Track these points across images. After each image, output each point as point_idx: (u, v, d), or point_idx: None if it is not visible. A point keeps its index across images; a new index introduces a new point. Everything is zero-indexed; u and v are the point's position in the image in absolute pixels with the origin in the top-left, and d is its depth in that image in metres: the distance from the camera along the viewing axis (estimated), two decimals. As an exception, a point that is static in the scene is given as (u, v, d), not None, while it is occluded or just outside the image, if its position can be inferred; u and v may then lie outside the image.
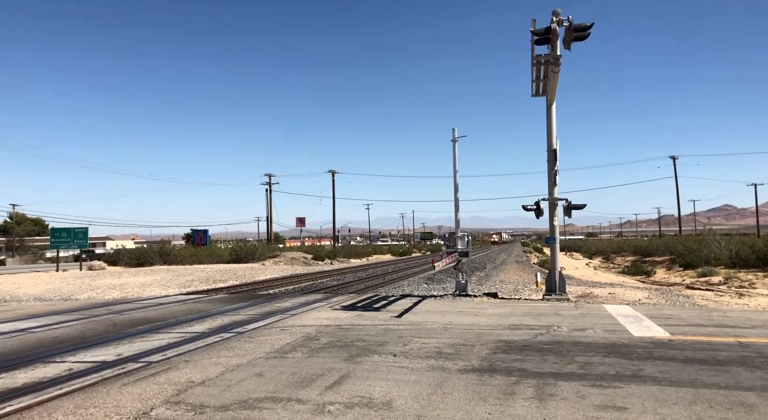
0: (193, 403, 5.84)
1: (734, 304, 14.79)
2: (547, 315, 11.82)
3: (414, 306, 13.93)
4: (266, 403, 5.78)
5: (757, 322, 10.48)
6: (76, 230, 36.49)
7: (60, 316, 13.71)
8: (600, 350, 8.08)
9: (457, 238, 16.49)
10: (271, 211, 65.01)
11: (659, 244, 51.37)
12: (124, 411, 5.62)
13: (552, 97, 14.77)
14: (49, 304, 17.60)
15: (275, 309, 14.46)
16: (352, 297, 17.22)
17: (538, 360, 7.53)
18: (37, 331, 11.39)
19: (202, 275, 29.08)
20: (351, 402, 5.77)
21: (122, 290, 21.62)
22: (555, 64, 13.34)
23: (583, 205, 15.06)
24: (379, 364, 7.46)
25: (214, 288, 22.49)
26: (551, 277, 15.22)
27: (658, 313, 11.90)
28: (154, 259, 42.89)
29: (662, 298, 15.45)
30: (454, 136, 16.97)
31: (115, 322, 12.68)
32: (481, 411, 5.41)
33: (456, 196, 17.00)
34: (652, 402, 5.57)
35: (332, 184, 70.54)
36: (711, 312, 12.23)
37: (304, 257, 48.95)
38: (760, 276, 25.39)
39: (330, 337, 9.67)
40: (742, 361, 7.19)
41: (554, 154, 14.77)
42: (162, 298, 18.22)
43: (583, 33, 13.20)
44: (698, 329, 9.78)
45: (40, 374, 7.51)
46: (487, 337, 9.36)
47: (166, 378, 6.95)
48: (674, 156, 65.28)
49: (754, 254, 29.98)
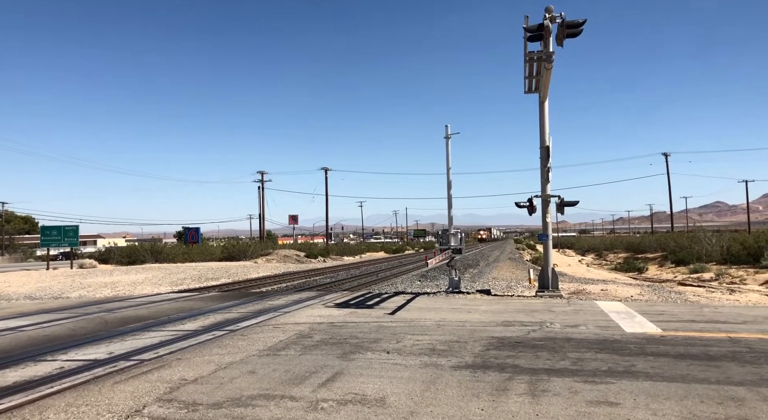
0: (186, 400, 5.81)
1: (725, 300, 14.90)
2: (540, 312, 11.86)
3: (407, 303, 13.94)
4: (259, 400, 5.76)
5: (748, 318, 10.56)
6: (66, 228, 36.25)
7: (51, 315, 13.61)
8: (592, 346, 8.12)
9: (450, 235, 16.50)
10: (263, 209, 64.83)
11: (651, 240, 51.76)
12: (116, 409, 5.58)
13: (545, 94, 14.80)
14: (40, 302, 17.47)
15: (268, 307, 14.43)
16: (345, 294, 17.20)
17: (530, 356, 7.55)
18: (27, 330, 11.30)
19: (194, 273, 28.97)
20: (344, 399, 5.76)
21: (114, 288, 21.50)
22: (548, 61, 13.35)
23: (576, 202, 15.13)
24: (373, 361, 7.46)
25: (206, 286, 22.40)
26: (544, 273, 15.27)
27: (650, 310, 11.96)
28: (145, 257, 42.68)
29: (654, 295, 15.54)
30: (447, 133, 16.96)
31: (106, 320, 12.60)
32: (474, 407, 5.42)
33: (449, 193, 17.01)
34: (644, 397, 5.60)
35: (325, 181, 70.42)
36: (702, 308, 12.31)
37: (296, 255, 48.82)
38: (751, 272, 25.60)
39: (323, 334, 9.65)
40: (733, 357, 7.25)
41: (547, 150, 14.81)
42: (154, 296, 18.13)
43: (576, 30, 13.23)
44: (690, 325, 9.85)
45: (31, 373, 7.45)
46: (480, 333, 9.38)
47: (159, 376, 6.91)
48: (666, 153, 65.60)
49: (744, 250, 30.22)
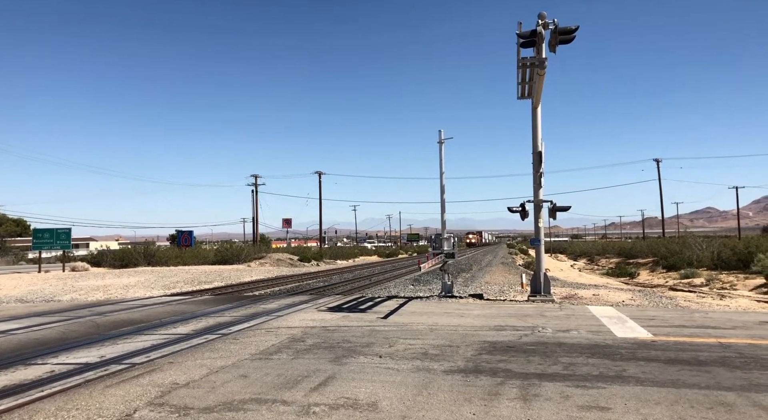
0: (177, 404, 5.80)
1: (716, 306, 15.01)
2: (532, 316, 11.89)
3: (400, 307, 13.95)
4: (251, 404, 5.75)
5: (738, 323, 10.64)
6: (58, 231, 36.02)
7: (41, 318, 13.51)
8: (584, 351, 8.16)
9: (443, 239, 16.53)
10: (257, 212, 64.63)
11: (643, 246, 52.02)
12: (107, 413, 5.56)
13: (537, 100, 14.89)
14: (31, 305, 17.34)
15: (261, 310, 14.39)
16: (338, 298, 17.19)
17: (522, 361, 7.58)
18: (17, 333, 11.22)
19: (186, 277, 28.84)
20: (336, 403, 5.76)
21: (106, 291, 21.36)
22: (540, 67, 13.45)
23: (568, 207, 15.20)
24: (365, 366, 7.46)
25: (199, 289, 22.30)
26: (536, 278, 15.32)
27: (641, 315, 12.03)
28: (138, 261, 42.47)
29: (645, 300, 15.63)
30: (440, 138, 17.01)
31: (98, 323, 12.53)
32: (466, 411, 5.44)
33: (442, 198, 17.05)
34: (634, 402, 5.63)
35: (319, 185, 70.37)
36: (693, 313, 12.39)
37: (290, 259, 48.68)
38: (741, 277, 25.80)
39: (316, 338, 9.65)
40: (723, 362, 7.31)
41: (539, 156, 14.88)
42: (146, 300, 18.04)
43: (569, 36, 13.33)
44: (680, 330, 9.91)
45: (21, 376, 7.40)
46: (472, 338, 9.40)
47: (150, 380, 6.89)
48: (658, 159, 65.96)
49: (734, 256, 30.47)
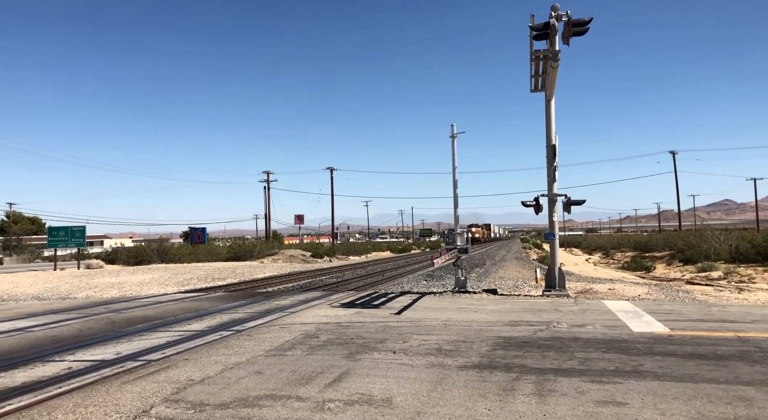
0: (193, 401, 5.83)
1: (734, 299, 14.79)
2: (547, 311, 11.81)
3: (413, 303, 13.93)
4: (266, 400, 5.77)
5: (757, 317, 10.49)
6: (73, 229, 36.42)
7: (58, 315, 13.68)
8: (600, 346, 8.08)
9: (456, 234, 16.47)
10: (269, 209, 64.94)
11: (659, 239, 51.44)
12: (123, 409, 5.60)
13: (551, 92, 14.74)
14: (47, 302, 17.58)
15: (274, 307, 14.45)
16: (351, 294, 17.21)
17: (537, 356, 7.53)
18: (35, 330, 11.37)
19: (200, 273, 29.05)
20: (351, 399, 5.76)
21: (120, 289, 21.59)
22: (554, 60, 13.30)
23: (583, 201, 15.05)
24: (379, 362, 7.45)
25: (212, 286, 22.47)
26: (551, 273, 15.21)
27: (657, 309, 11.90)
28: (152, 258, 42.84)
29: (662, 294, 15.45)
30: (452, 133, 16.93)
31: (113, 320, 12.66)
32: (481, 407, 5.40)
33: (455, 193, 16.97)
34: (651, 397, 5.56)
35: (331, 181, 70.52)
36: (711, 307, 12.23)
37: (302, 255, 48.87)
38: (760, 271, 25.42)
39: (329, 334, 9.66)
40: (742, 356, 7.20)
41: (553, 149, 14.74)
42: (160, 297, 18.20)
43: (582, 28, 13.17)
44: (698, 324, 9.79)
45: (39, 373, 7.50)
46: (486, 333, 9.36)
47: (166, 376, 6.94)
48: (674, 151, 65.24)
49: (753, 249, 30.01)
